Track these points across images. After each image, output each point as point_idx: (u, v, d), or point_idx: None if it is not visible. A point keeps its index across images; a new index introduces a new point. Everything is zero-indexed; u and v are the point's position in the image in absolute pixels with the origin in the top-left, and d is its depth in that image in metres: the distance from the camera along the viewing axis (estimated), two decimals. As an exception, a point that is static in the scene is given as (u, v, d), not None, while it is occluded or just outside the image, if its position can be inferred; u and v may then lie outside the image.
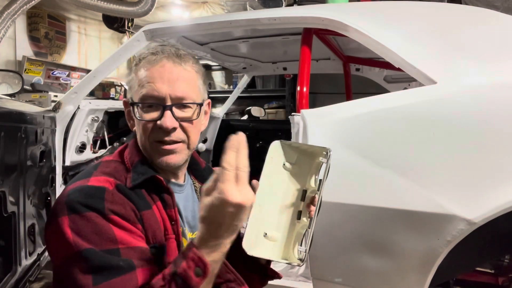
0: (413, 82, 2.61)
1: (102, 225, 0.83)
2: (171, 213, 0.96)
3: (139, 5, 4.47)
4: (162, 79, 0.94)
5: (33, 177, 1.84)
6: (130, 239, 0.85)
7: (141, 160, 0.99)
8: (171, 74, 0.95)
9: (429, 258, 1.25)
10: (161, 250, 0.91)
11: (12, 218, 1.65)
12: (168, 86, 0.94)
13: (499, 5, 3.53)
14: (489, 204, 1.17)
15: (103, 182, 0.90)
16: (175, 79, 0.95)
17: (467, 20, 1.67)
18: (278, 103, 5.13)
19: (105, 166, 0.97)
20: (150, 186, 0.96)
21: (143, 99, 0.94)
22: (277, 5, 4.20)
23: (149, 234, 0.91)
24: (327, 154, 0.94)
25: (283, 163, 0.99)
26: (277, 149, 0.99)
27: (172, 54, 0.96)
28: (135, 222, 0.88)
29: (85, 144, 2.30)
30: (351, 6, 1.92)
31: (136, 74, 0.97)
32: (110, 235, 0.82)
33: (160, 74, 0.94)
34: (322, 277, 1.42)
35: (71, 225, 0.82)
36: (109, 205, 0.85)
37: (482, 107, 1.29)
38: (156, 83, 0.94)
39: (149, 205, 0.94)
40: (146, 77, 0.94)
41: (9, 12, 3.53)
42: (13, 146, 1.64)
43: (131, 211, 0.88)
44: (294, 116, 1.56)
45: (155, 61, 0.95)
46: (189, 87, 0.97)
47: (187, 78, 0.97)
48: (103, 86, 5.46)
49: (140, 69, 0.96)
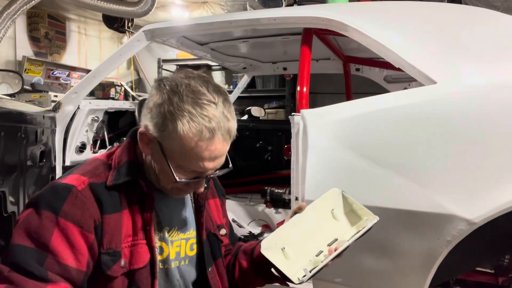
0: (413, 82, 2.61)
1: (46, 227, 0.87)
2: (146, 217, 0.97)
3: (139, 5, 4.47)
4: (210, 159, 0.92)
5: (33, 177, 1.84)
6: (63, 252, 0.87)
7: (129, 161, 0.99)
8: (219, 153, 0.93)
9: (429, 258, 1.25)
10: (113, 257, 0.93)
11: (12, 218, 1.65)
12: (213, 163, 0.94)
13: (499, 5, 3.52)
14: (489, 204, 1.17)
15: (75, 181, 0.92)
16: (220, 156, 0.94)
17: (467, 20, 1.67)
18: (278, 103, 5.12)
19: (88, 163, 1.00)
20: (131, 188, 0.97)
21: (187, 169, 0.92)
22: (277, 5, 4.19)
23: (105, 239, 0.92)
24: (373, 220, 1.01)
25: (333, 209, 1.07)
26: (336, 195, 1.08)
27: (225, 131, 0.92)
28: (89, 230, 0.90)
29: (85, 144, 2.30)
30: (351, 6, 1.93)
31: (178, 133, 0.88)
32: (46, 240, 0.86)
33: (210, 155, 0.91)
34: (322, 277, 1.42)
35: (25, 218, 0.89)
36: (67, 207, 0.88)
37: (482, 107, 1.29)
38: (203, 162, 0.91)
39: (118, 208, 0.95)
40: (196, 154, 0.90)
41: (9, 12, 3.53)
42: (13, 146, 1.64)
43: (89, 217, 0.90)
44: (294, 116, 1.56)
45: (210, 141, 0.89)
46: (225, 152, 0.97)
47: (228, 148, 0.96)
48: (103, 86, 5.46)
49: (189, 139, 0.88)
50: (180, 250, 1.05)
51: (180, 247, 1.05)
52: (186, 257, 1.06)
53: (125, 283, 0.95)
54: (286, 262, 0.99)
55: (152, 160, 0.97)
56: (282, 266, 0.97)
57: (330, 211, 1.07)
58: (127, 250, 0.95)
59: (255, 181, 3.14)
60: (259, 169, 3.26)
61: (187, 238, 1.07)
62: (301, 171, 1.47)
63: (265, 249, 0.97)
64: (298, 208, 1.07)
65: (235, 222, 2.59)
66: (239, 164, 3.43)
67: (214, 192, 1.22)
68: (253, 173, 3.24)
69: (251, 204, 2.86)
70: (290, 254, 1.01)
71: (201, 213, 1.10)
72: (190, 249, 1.08)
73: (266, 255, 0.97)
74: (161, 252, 1.01)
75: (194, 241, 1.09)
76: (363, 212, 1.05)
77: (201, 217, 1.10)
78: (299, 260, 1.01)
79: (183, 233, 1.06)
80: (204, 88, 0.91)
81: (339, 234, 1.04)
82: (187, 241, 1.07)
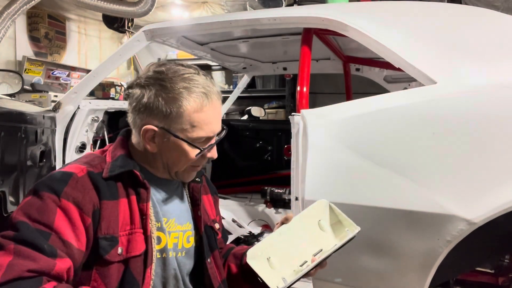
0: (413, 82, 2.61)
1: (49, 207, 0.88)
2: (143, 207, 1.00)
3: (139, 5, 4.47)
4: (216, 120, 1.03)
5: (33, 177, 1.84)
6: (67, 231, 0.89)
7: (123, 155, 1.04)
8: (219, 111, 1.05)
9: (429, 258, 1.25)
10: (111, 242, 0.95)
11: (12, 218, 1.65)
12: (218, 124, 1.05)
13: (499, 5, 3.53)
14: (489, 204, 1.17)
15: (74, 169, 0.96)
16: (220, 116, 1.06)
17: (467, 20, 1.67)
18: (278, 103, 5.12)
19: (84, 156, 1.05)
20: (127, 180, 1.00)
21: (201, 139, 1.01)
22: (277, 5, 4.19)
23: (103, 224, 0.95)
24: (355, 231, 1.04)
25: (320, 220, 1.10)
26: (323, 206, 1.11)
27: (216, 92, 1.03)
28: (87, 213, 0.92)
29: (85, 144, 2.30)
30: (351, 6, 1.92)
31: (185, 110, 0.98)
32: (49, 219, 0.87)
33: (214, 115, 1.02)
34: (322, 277, 1.42)
35: (26, 201, 0.90)
36: (68, 189, 0.91)
37: (482, 107, 1.29)
38: (212, 124, 1.02)
39: (116, 196, 0.98)
40: (204, 120, 1.00)
41: (9, 12, 3.53)
42: (13, 146, 1.65)
43: (88, 201, 0.93)
44: (294, 116, 1.56)
45: (209, 102, 1.00)
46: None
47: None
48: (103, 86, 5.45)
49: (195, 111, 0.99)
50: (178, 242, 1.08)
51: (178, 239, 1.08)
52: (183, 249, 1.09)
53: (120, 270, 0.96)
54: (270, 272, 1.02)
55: (161, 152, 1.02)
56: (264, 275, 0.99)
57: (317, 222, 1.09)
58: (124, 238, 0.97)
59: (255, 181, 3.14)
60: (259, 169, 3.26)
61: (184, 230, 1.10)
62: (301, 171, 1.47)
63: (250, 259, 1.01)
64: (285, 219, 1.10)
65: (235, 222, 2.59)
66: (239, 164, 3.44)
67: (207, 188, 1.26)
68: (253, 173, 3.24)
69: (251, 204, 2.86)
70: (276, 263, 1.03)
71: (197, 206, 1.14)
72: (187, 241, 1.10)
73: (251, 264, 1.00)
74: (158, 241, 1.03)
75: (191, 234, 1.11)
76: (347, 223, 1.08)
77: (198, 210, 1.14)
78: (284, 269, 1.03)
79: (180, 225, 1.09)
80: (178, 66, 1.02)
81: (324, 244, 1.06)
82: (184, 233, 1.10)
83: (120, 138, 1.09)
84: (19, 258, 0.81)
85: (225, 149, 3.38)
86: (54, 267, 0.83)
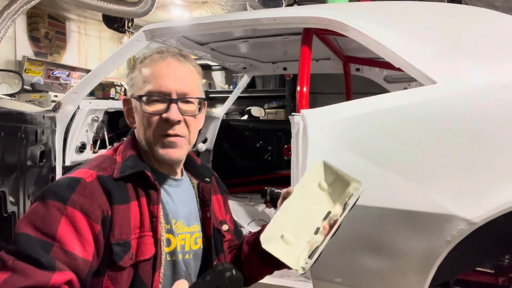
0: (413, 82, 2.61)
1: (53, 216, 0.86)
2: (153, 209, 0.99)
3: (139, 5, 4.48)
4: (168, 75, 1.00)
5: (33, 177, 1.84)
6: (71, 241, 0.86)
7: (134, 155, 1.02)
8: (176, 71, 1.01)
9: (429, 258, 1.25)
10: (124, 248, 0.93)
11: (12, 218, 1.65)
12: (173, 82, 1.00)
13: (499, 5, 3.53)
14: (489, 204, 1.17)
15: (83, 174, 0.94)
16: (180, 76, 1.01)
17: (467, 20, 1.67)
18: (278, 103, 5.13)
19: (94, 159, 1.03)
20: (138, 181, 0.99)
21: (149, 94, 0.99)
22: (277, 5, 4.20)
23: (116, 229, 0.93)
24: (359, 188, 1.02)
25: (320, 182, 1.08)
26: (318, 167, 1.09)
27: (176, 53, 1.03)
28: (96, 221, 0.90)
29: (85, 144, 2.30)
30: (351, 6, 1.93)
31: (140, 71, 1.02)
32: (53, 229, 0.85)
33: (167, 71, 1.00)
34: (322, 277, 1.42)
35: (31, 209, 0.88)
36: (76, 196, 0.89)
37: (482, 107, 1.29)
38: (162, 79, 0.99)
39: (127, 199, 0.96)
40: (153, 73, 1.00)
41: (9, 12, 3.53)
42: (13, 146, 1.65)
43: (97, 207, 0.91)
44: (294, 116, 1.56)
45: (161, 59, 1.01)
46: (192, 84, 1.04)
47: (191, 76, 1.04)
48: (103, 86, 5.46)
49: (146, 66, 1.01)
50: (185, 244, 1.06)
51: (185, 240, 1.06)
52: (190, 251, 1.07)
53: (130, 274, 0.95)
54: (288, 250, 1.00)
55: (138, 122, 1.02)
56: (285, 257, 0.97)
57: (317, 185, 1.07)
58: (134, 242, 0.95)
59: (255, 181, 3.14)
60: (259, 169, 3.26)
61: (191, 232, 1.08)
62: (301, 171, 1.47)
63: (265, 243, 0.98)
64: (286, 193, 1.08)
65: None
66: (239, 164, 3.45)
67: (216, 188, 1.23)
68: (253, 173, 3.24)
69: (251, 204, 2.86)
70: (290, 239, 1.02)
71: (207, 207, 1.12)
72: (194, 243, 1.08)
73: (267, 248, 0.98)
74: (168, 244, 1.01)
75: (198, 235, 1.09)
76: (348, 178, 1.06)
77: (207, 211, 1.11)
78: (300, 243, 1.01)
79: (188, 227, 1.07)
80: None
81: (330, 206, 1.06)
82: (191, 235, 1.08)
83: (129, 137, 1.08)
84: (14, 275, 0.79)
85: (225, 149, 3.38)
86: (49, 281, 0.80)
